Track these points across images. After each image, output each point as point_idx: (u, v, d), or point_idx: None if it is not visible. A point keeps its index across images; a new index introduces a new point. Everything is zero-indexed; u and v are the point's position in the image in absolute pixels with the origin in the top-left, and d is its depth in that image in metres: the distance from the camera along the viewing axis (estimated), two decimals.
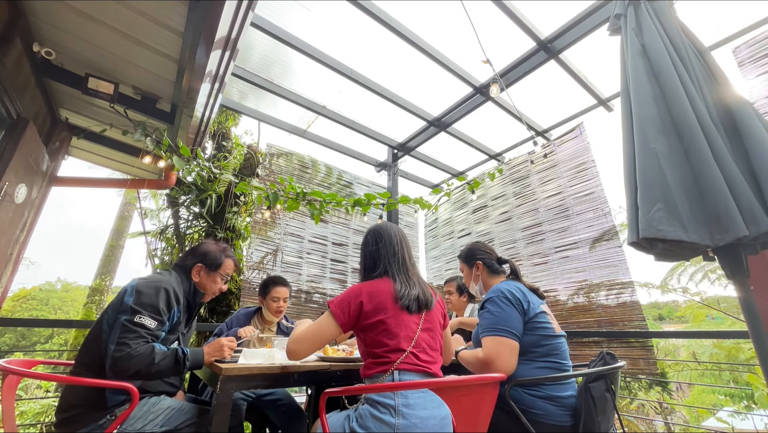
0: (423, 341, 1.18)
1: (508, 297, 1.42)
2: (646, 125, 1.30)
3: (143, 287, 1.31)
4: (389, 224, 1.40)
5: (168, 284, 1.38)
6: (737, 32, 2.59)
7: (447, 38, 2.90)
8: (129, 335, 1.20)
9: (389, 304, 1.17)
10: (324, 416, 1.08)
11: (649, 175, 1.23)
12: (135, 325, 1.22)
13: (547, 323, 1.43)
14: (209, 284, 1.55)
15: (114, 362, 1.16)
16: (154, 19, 1.84)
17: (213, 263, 1.55)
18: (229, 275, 1.61)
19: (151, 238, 4.16)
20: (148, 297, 1.29)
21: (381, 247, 1.30)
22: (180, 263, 1.56)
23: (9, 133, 2.05)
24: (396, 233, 1.35)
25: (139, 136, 2.37)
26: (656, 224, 1.16)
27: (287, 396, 2.04)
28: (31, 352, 11.49)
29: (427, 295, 1.25)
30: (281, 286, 2.20)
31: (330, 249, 4.28)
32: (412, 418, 1.00)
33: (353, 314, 1.16)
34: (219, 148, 4.34)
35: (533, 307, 1.43)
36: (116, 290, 10.85)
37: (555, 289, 3.45)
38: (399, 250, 1.30)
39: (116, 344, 1.18)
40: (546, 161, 3.74)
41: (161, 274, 1.44)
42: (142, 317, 1.25)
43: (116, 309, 1.29)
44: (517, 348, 1.35)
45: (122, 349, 1.17)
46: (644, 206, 1.20)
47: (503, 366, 1.30)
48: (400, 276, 1.24)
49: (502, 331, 1.35)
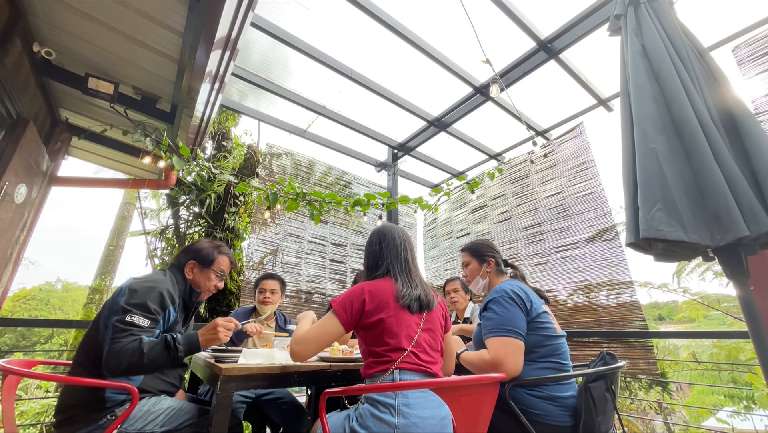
0: (423, 341, 1.18)
1: (512, 297, 1.42)
2: (646, 125, 1.30)
3: (137, 286, 1.31)
4: (393, 225, 1.42)
5: (162, 284, 1.37)
6: (737, 32, 2.60)
7: (447, 38, 2.91)
8: (120, 334, 1.19)
9: (391, 303, 1.17)
10: (324, 416, 1.08)
11: (649, 176, 1.23)
12: (126, 324, 1.22)
13: (549, 323, 1.43)
14: (203, 281, 1.54)
15: (106, 360, 1.16)
16: (155, 19, 1.84)
17: (206, 260, 1.53)
18: (223, 272, 1.58)
19: (151, 238, 4.16)
20: (141, 296, 1.29)
21: (384, 247, 1.32)
22: (175, 262, 1.55)
23: (9, 133, 2.05)
24: (400, 234, 1.37)
25: (139, 137, 2.37)
26: (656, 225, 1.15)
27: (288, 394, 2.05)
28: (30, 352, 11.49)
29: (429, 296, 1.26)
30: (270, 279, 2.35)
31: (329, 249, 4.28)
32: (412, 417, 1.00)
33: (355, 313, 1.17)
34: (219, 149, 4.34)
35: (536, 307, 1.43)
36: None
37: (555, 289, 3.45)
38: (402, 250, 1.32)
39: (109, 344, 1.18)
40: (546, 161, 3.74)
41: (156, 274, 1.44)
42: (134, 315, 1.24)
43: (110, 309, 1.29)
44: (523, 348, 1.35)
45: (113, 348, 1.17)
46: (644, 206, 1.20)
47: (511, 367, 1.29)
48: (402, 276, 1.26)
49: (508, 331, 1.34)
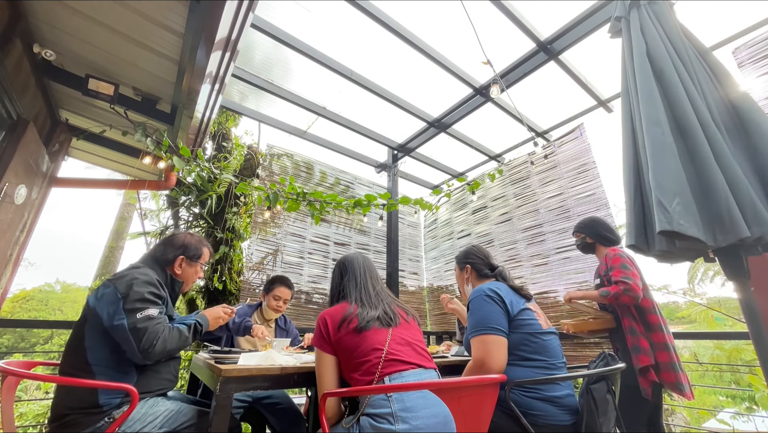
0: (397, 343, 1.18)
1: (489, 294, 1.43)
2: (661, 122, 1.27)
3: (124, 286, 1.29)
4: (354, 255, 1.50)
5: (146, 275, 1.37)
6: (737, 33, 2.59)
7: (447, 39, 2.91)
8: (144, 330, 1.23)
9: (352, 322, 1.21)
10: (324, 417, 1.07)
11: (666, 169, 1.18)
12: (144, 321, 1.24)
13: (532, 319, 1.43)
14: (192, 274, 1.58)
15: (147, 355, 1.23)
16: (155, 20, 1.84)
17: (194, 255, 1.58)
18: (206, 263, 1.67)
19: (151, 238, 4.16)
20: (138, 292, 1.28)
21: (345, 279, 1.41)
22: (157, 256, 1.53)
23: (9, 134, 2.05)
24: (360, 264, 1.45)
25: (140, 137, 2.37)
26: (678, 218, 1.10)
27: (286, 399, 2.04)
28: (30, 353, 11.47)
29: (391, 313, 1.28)
30: (285, 287, 2.30)
31: (332, 249, 4.28)
32: (413, 420, 0.99)
33: (331, 334, 1.20)
34: (219, 149, 4.34)
35: (516, 304, 1.43)
36: None
37: (555, 290, 3.45)
38: (361, 280, 1.40)
39: (140, 342, 1.21)
40: (546, 162, 3.74)
41: (131, 268, 1.40)
42: (144, 311, 1.26)
43: (111, 315, 1.24)
44: (505, 343, 1.35)
45: (149, 340, 1.23)
46: (666, 198, 1.14)
47: (494, 364, 1.30)
48: (359, 301, 1.31)
49: (486, 328, 1.36)
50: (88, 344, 1.24)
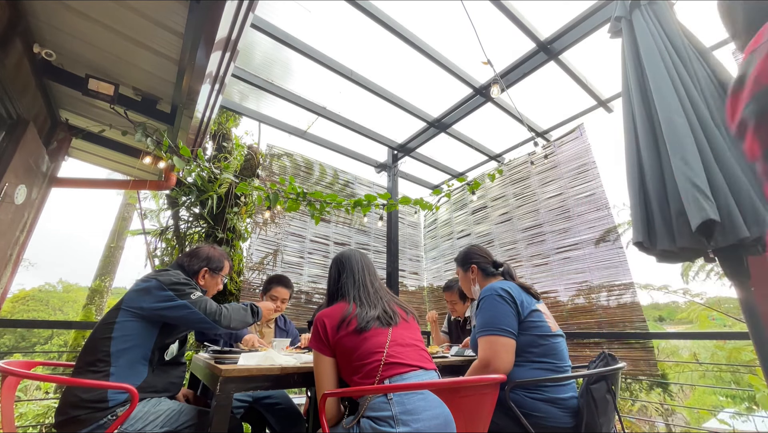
0: (397, 345, 1.17)
1: (501, 294, 1.42)
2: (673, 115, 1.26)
3: (163, 279, 1.40)
4: (352, 253, 1.46)
5: (182, 275, 1.50)
6: None
7: (447, 39, 2.91)
8: (202, 310, 1.37)
9: (352, 323, 1.20)
10: (324, 418, 1.07)
11: (691, 158, 1.17)
12: (196, 301, 1.37)
13: (542, 321, 1.42)
14: (213, 285, 1.68)
15: (226, 323, 1.42)
16: (155, 20, 1.84)
17: (217, 267, 1.67)
18: (226, 277, 1.78)
19: (151, 238, 4.15)
20: (176, 282, 1.40)
21: (343, 279, 1.38)
22: (184, 264, 1.61)
23: (9, 134, 2.05)
24: (357, 260, 1.43)
25: (140, 137, 2.37)
26: (715, 210, 1.10)
27: (285, 399, 2.04)
28: (30, 353, 11.48)
29: (390, 312, 1.27)
30: (283, 287, 2.24)
31: (332, 249, 4.28)
32: (413, 423, 0.99)
33: (328, 337, 1.19)
34: (219, 149, 4.34)
35: (527, 305, 1.42)
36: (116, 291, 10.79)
37: (555, 290, 3.45)
38: (359, 276, 1.37)
39: (207, 313, 1.37)
40: (546, 162, 3.74)
41: (164, 271, 1.50)
42: (192, 295, 1.38)
43: (163, 300, 1.35)
44: (513, 345, 1.34)
45: (218, 313, 1.41)
46: (695, 188, 1.13)
47: (500, 366, 1.30)
48: (358, 300, 1.29)
49: (496, 329, 1.35)
50: (116, 335, 1.30)
